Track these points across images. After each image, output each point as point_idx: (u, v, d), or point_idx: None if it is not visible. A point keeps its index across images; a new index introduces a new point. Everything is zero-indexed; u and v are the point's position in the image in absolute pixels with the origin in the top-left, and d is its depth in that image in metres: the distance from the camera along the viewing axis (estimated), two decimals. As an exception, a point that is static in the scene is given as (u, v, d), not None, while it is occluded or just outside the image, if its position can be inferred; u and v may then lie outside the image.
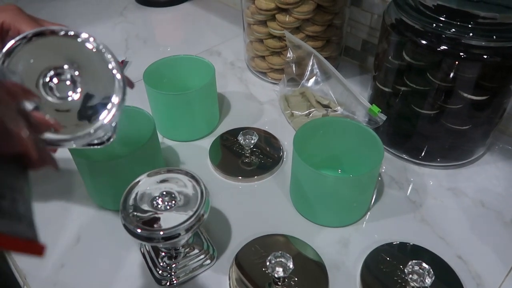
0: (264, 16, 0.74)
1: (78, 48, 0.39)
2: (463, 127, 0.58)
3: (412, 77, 0.57)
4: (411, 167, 0.64)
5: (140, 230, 0.42)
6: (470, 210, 0.57)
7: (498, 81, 0.54)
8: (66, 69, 0.38)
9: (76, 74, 0.38)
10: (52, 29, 0.38)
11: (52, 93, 0.37)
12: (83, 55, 0.39)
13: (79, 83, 0.38)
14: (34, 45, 0.38)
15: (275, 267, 0.44)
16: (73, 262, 0.51)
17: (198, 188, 0.46)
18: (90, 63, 0.39)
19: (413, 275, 0.44)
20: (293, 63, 0.74)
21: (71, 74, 0.38)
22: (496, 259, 0.51)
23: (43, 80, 0.37)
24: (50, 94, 0.37)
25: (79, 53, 0.39)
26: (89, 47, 0.39)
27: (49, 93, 0.37)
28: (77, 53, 0.39)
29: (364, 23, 0.80)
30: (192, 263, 0.49)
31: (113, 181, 0.54)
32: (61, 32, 0.38)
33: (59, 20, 1.05)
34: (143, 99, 0.68)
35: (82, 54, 0.39)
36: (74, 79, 0.38)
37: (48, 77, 0.37)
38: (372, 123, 0.63)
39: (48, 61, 0.38)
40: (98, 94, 0.38)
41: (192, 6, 1.14)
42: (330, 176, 0.54)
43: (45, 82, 0.37)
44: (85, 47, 0.39)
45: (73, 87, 0.38)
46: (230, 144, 0.67)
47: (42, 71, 0.37)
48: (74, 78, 0.38)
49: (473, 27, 0.49)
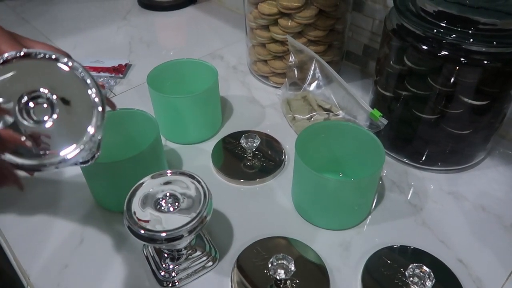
0: (267, 21, 0.74)
1: (57, 71, 0.37)
2: (464, 132, 0.59)
3: (413, 82, 0.58)
4: (412, 171, 0.64)
5: (143, 231, 0.42)
6: (470, 214, 0.58)
7: (498, 87, 0.54)
8: (43, 93, 0.36)
9: (54, 98, 0.36)
10: (30, 51, 0.36)
11: (28, 116, 0.36)
12: (63, 79, 0.37)
13: (57, 108, 0.36)
14: (12, 67, 0.36)
15: (277, 269, 0.45)
16: (77, 262, 0.52)
17: (201, 190, 0.46)
18: (70, 88, 0.37)
19: (414, 278, 0.45)
20: (295, 67, 0.75)
21: (48, 97, 0.36)
22: (496, 262, 0.52)
23: (19, 102, 0.36)
24: (26, 117, 0.36)
25: (58, 77, 0.37)
26: (67, 70, 0.37)
27: (25, 116, 0.36)
28: (56, 77, 0.37)
29: (366, 28, 0.81)
30: (194, 265, 0.50)
31: (116, 183, 0.54)
32: (39, 55, 0.37)
33: (62, 22, 1.07)
34: (147, 102, 0.69)
35: (62, 78, 0.37)
36: (52, 103, 0.36)
37: (25, 99, 0.36)
38: (373, 127, 0.63)
39: (26, 83, 0.36)
40: (76, 120, 0.37)
41: (195, 10, 1.15)
42: (332, 180, 0.54)
43: (21, 104, 0.36)
44: (64, 71, 0.37)
45: (50, 112, 0.36)
46: (232, 147, 0.67)
47: (19, 94, 0.36)
48: (52, 102, 0.36)
49: (474, 33, 0.50)
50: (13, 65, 0.36)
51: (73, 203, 0.60)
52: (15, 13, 1.12)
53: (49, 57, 0.37)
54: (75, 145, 0.37)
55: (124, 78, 0.86)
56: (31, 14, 1.12)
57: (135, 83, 0.84)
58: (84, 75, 0.37)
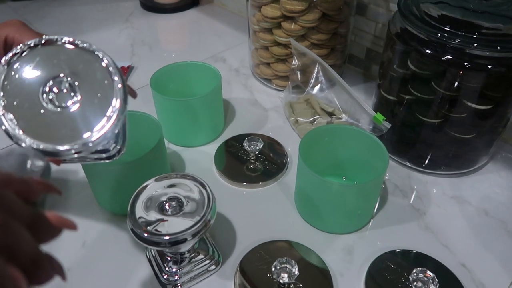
0: (270, 24, 0.74)
1: (78, 56, 0.38)
2: (467, 136, 0.59)
3: (416, 86, 0.58)
4: (415, 175, 0.64)
5: (147, 234, 0.42)
6: (473, 218, 0.58)
7: (502, 91, 0.54)
8: (64, 78, 0.37)
9: (76, 84, 0.37)
10: (51, 38, 0.38)
11: (52, 102, 0.37)
12: (83, 64, 0.38)
13: (78, 92, 0.37)
14: (34, 54, 0.37)
15: (280, 273, 0.45)
16: (79, 265, 0.52)
17: (205, 193, 0.46)
18: (90, 71, 0.38)
19: (417, 282, 0.45)
20: (298, 71, 0.75)
21: (69, 82, 0.37)
22: (499, 267, 0.51)
23: (43, 89, 0.36)
24: (49, 103, 0.36)
25: (78, 62, 0.38)
26: (88, 54, 0.38)
27: (49, 102, 0.36)
28: (76, 62, 0.38)
29: (369, 32, 0.81)
30: (197, 268, 0.50)
31: (119, 185, 0.54)
32: (60, 41, 0.38)
33: (64, 24, 1.07)
34: (150, 105, 0.69)
35: (82, 62, 0.38)
36: (73, 88, 0.37)
37: (48, 86, 0.36)
38: (376, 131, 0.63)
39: (48, 70, 0.37)
40: (98, 102, 0.37)
41: (197, 12, 1.15)
42: (335, 183, 0.54)
43: (45, 91, 0.36)
44: (84, 55, 0.38)
45: (72, 96, 0.37)
46: (235, 150, 0.67)
47: (43, 81, 0.37)
48: (73, 86, 0.37)
49: (478, 37, 0.50)
50: (34, 53, 0.37)
51: (75, 205, 0.59)
52: (17, 15, 1.12)
53: (71, 42, 0.38)
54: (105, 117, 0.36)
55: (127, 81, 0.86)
56: (33, 16, 1.12)
57: (138, 86, 0.84)
58: (103, 56, 0.38)
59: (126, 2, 1.20)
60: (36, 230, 0.26)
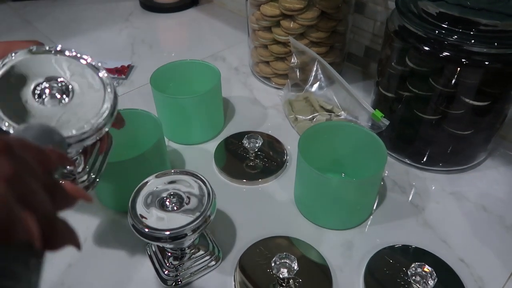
0: (269, 22, 0.75)
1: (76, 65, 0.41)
2: (465, 132, 0.59)
3: (414, 82, 0.58)
4: (413, 171, 0.64)
5: (147, 230, 0.43)
6: (472, 214, 0.58)
7: (499, 87, 0.55)
8: (58, 81, 0.39)
9: (70, 87, 0.39)
10: (63, 48, 0.40)
11: (43, 102, 0.38)
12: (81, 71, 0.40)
13: (71, 92, 0.39)
14: (31, 59, 0.39)
15: (280, 268, 0.45)
16: (81, 262, 0.52)
17: (205, 189, 0.47)
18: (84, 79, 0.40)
19: (416, 277, 0.45)
20: (297, 69, 0.75)
21: (63, 84, 0.39)
22: (497, 262, 0.52)
23: (36, 90, 0.38)
24: (42, 103, 0.38)
25: (77, 69, 0.40)
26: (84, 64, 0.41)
27: (41, 102, 0.38)
28: (75, 69, 0.40)
29: (367, 30, 0.81)
30: (197, 264, 0.50)
31: (120, 182, 0.55)
32: (68, 53, 0.40)
33: (65, 24, 1.08)
34: (149, 103, 0.69)
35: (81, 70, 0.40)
36: (66, 89, 0.39)
37: (41, 87, 0.38)
38: (375, 128, 0.63)
39: (42, 73, 0.39)
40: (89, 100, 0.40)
41: (197, 12, 1.15)
42: (334, 179, 0.55)
43: (37, 92, 0.38)
44: (80, 64, 0.41)
45: (65, 95, 0.39)
46: (235, 148, 0.68)
47: (37, 82, 0.38)
48: (66, 87, 0.39)
49: (475, 34, 0.50)
50: (32, 57, 0.39)
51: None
52: (18, 15, 1.13)
53: (74, 55, 0.41)
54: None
55: (127, 80, 0.87)
56: (34, 15, 1.13)
57: (138, 84, 0.85)
58: (104, 79, 0.41)
59: (126, 2, 1.20)
60: (52, 195, 0.25)
